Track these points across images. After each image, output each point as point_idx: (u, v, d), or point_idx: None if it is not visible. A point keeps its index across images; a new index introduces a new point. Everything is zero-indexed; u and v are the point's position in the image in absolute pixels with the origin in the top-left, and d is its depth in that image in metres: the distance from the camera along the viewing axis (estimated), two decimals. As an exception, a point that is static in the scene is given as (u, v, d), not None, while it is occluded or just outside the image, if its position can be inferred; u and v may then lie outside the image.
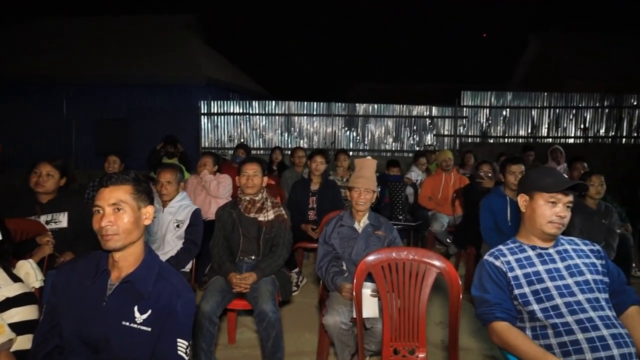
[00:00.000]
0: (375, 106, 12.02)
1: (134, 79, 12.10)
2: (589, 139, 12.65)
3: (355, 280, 2.21)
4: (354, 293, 2.22)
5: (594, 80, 14.59)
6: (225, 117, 11.63)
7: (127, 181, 1.65)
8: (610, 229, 3.86)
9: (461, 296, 2.13)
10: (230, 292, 2.89)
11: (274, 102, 11.93)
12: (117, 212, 1.60)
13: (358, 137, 12.00)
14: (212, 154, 4.85)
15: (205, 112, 11.53)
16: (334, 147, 11.53)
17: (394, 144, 12.08)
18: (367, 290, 2.47)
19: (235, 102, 11.96)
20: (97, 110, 12.15)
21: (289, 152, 6.88)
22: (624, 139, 12.67)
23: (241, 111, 11.68)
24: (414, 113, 12.09)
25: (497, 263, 1.91)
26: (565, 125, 12.69)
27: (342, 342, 2.63)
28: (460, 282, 2.15)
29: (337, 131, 11.92)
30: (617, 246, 3.87)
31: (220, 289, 2.86)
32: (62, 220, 3.10)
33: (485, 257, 1.97)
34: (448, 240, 5.17)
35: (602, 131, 12.74)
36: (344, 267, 2.92)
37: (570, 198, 1.88)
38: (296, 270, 4.40)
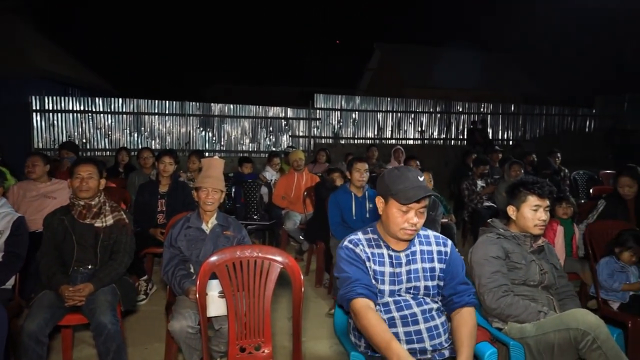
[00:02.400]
0: (231, 106, 11.92)
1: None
2: (425, 141, 14.19)
3: (198, 282, 2.17)
4: (197, 295, 2.17)
5: (428, 88, 16.38)
6: (64, 114, 10.47)
7: None
8: (434, 220, 4.36)
9: (303, 289, 2.22)
10: (62, 307, 2.61)
11: (120, 99, 11.07)
12: None
13: (214, 138, 11.78)
14: (41, 154, 4.32)
15: (38, 108, 10.25)
16: (189, 148, 11.16)
17: (250, 144, 12.12)
18: (215, 290, 2.45)
19: (75, 98, 10.83)
20: None
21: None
22: (452, 141, 14.47)
23: (82, 108, 10.63)
24: (270, 114, 12.27)
25: (357, 250, 1.92)
26: (405, 128, 14.03)
27: (190, 346, 2.55)
28: (302, 276, 2.23)
29: (191, 131, 11.55)
30: (442, 234, 4.40)
31: (49, 304, 2.57)
32: None
33: (345, 243, 1.95)
34: (301, 237, 5.35)
35: (435, 134, 14.37)
36: (192, 270, 2.84)
37: (424, 203, 1.88)
38: (145, 277, 4.17)
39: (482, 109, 14.78)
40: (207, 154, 11.14)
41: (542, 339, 2.05)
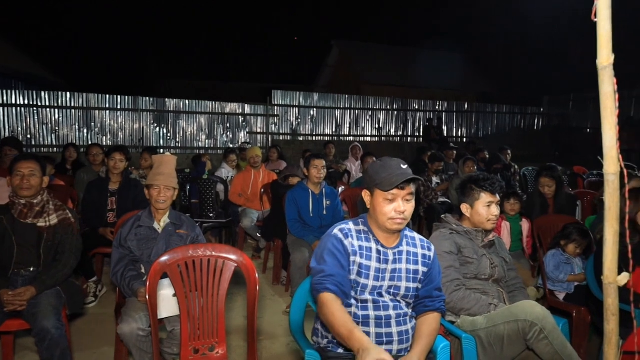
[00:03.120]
0: (187, 102, 11.66)
1: None
2: (383, 137, 14.38)
3: (148, 283, 2.09)
4: (147, 297, 2.09)
5: (385, 86, 16.61)
6: (6, 108, 9.91)
7: None
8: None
9: (258, 287, 2.18)
10: (1, 312, 2.47)
11: (68, 93, 10.59)
12: None
13: (169, 134, 11.48)
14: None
15: (-22, 102, 9.66)
16: (142, 144, 10.84)
17: (207, 141, 11.90)
18: (168, 290, 2.38)
19: (18, 91, 10.27)
20: None
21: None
22: (409, 138, 14.73)
23: (27, 102, 10.09)
24: (227, 110, 12.09)
25: (346, 242, 1.87)
26: (363, 125, 14.17)
27: (141, 349, 2.46)
28: (256, 274, 2.19)
29: (145, 127, 11.21)
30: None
31: (-14, 309, 2.42)
32: None
33: (335, 231, 1.90)
34: (258, 234, 5.29)
35: (392, 131, 14.59)
36: (143, 271, 2.74)
37: (409, 190, 1.85)
38: (94, 279, 4.01)
39: (437, 107, 15.13)
40: (161, 151, 10.87)
41: (493, 331, 2.10)
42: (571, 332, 3.03)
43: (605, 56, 1.14)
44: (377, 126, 14.33)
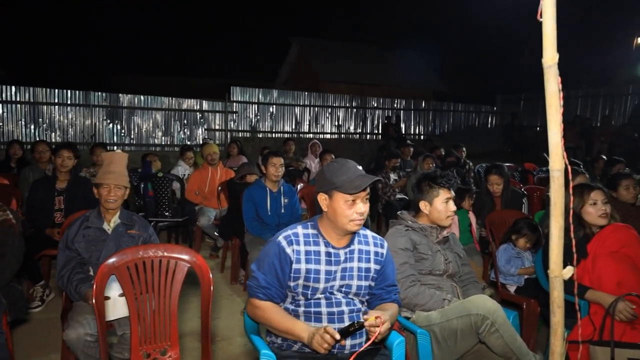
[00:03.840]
0: (142, 97, 11.32)
1: None
2: (342, 135, 14.45)
3: (95, 286, 1.99)
4: (94, 300, 1.99)
5: (344, 83, 16.68)
6: (-57, 103, 9.32)
7: None
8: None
9: (212, 287, 2.13)
10: None
11: (14, 87, 10.04)
12: None
13: (123, 131, 11.11)
14: None
15: None
16: (95, 141, 10.43)
17: (163, 138, 11.60)
18: (117, 292, 2.30)
19: (-43, 85, 9.68)
20: None
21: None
22: (368, 135, 14.87)
23: (-33, 97, 9.53)
24: (184, 106, 11.83)
25: (288, 250, 1.88)
26: (323, 122, 14.20)
27: (89, 355, 2.36)
28: (210, 274, 2.14)
29: (97, 123, 10.80)
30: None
31: None
32: None
33: (280, 238, 1.91)
34: (215, 233, 5.20)
35: (352, 128, 14.68)
36: (92, 273, 2.63)
37: (367, 191, 1.87)
38: (42, 282, 3.82)
39: (395, 105, 15.34)
40: (115, 148, 10.51)
41: (446, 325, 2.14)
42: (522, 323, 3.14)
43: (550, 55, 1.16)
44: (336, 123, 14.38)
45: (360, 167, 1.91)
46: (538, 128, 15.46)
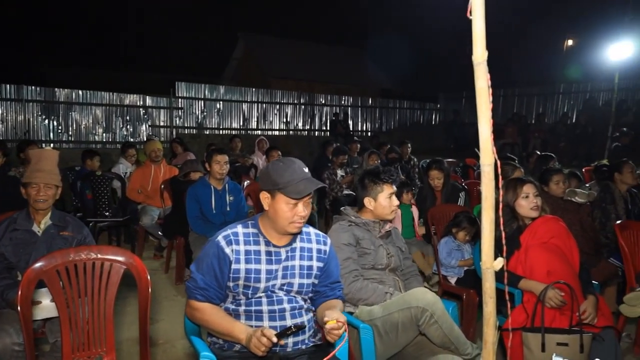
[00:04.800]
0: (80, 92, 10.78)
1: None
2: (290, 132, 14.41)
3: (20, 292, 1.86)
4: (19, 307, 1.87)
5: (292, 80, 16.65)
6: None
7: None
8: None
9: (150, 289, 2.05)
10: None
11: None
12: None
13: (60, 127, 10.54)
14: None
15: None
16: (29, 138, 9.83)
17: (104, 134, 11.12)
18: (47, 298, 2.20)
19: None
20: None
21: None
22: (316, 132, 14.92)
23: None
24: (127, 102, 11.39)
25: (227, 250, 1.85)
26: (271, 119, 14.10)
27: (18, 366, 2.22)
28: (148, 275, 2.06)
29: (31, 119, 10.19)
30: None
31: None
32: None
33: (219, 237, 1.87)
34: (159, 233, 5.04)
35: (300, 125, 14.67)
36: (20, 279, 2.47)
37: (310, 194, 1.85)
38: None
39: (343, 102, 15.47)
40: (52, 145, 9.99)
41: (388, 319, 2.17)
42: (462, 313, 3.26)
43: (480, 53, 1.19)
44: (284, 120, 14.32)
45: (306, 169, 1.88)
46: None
